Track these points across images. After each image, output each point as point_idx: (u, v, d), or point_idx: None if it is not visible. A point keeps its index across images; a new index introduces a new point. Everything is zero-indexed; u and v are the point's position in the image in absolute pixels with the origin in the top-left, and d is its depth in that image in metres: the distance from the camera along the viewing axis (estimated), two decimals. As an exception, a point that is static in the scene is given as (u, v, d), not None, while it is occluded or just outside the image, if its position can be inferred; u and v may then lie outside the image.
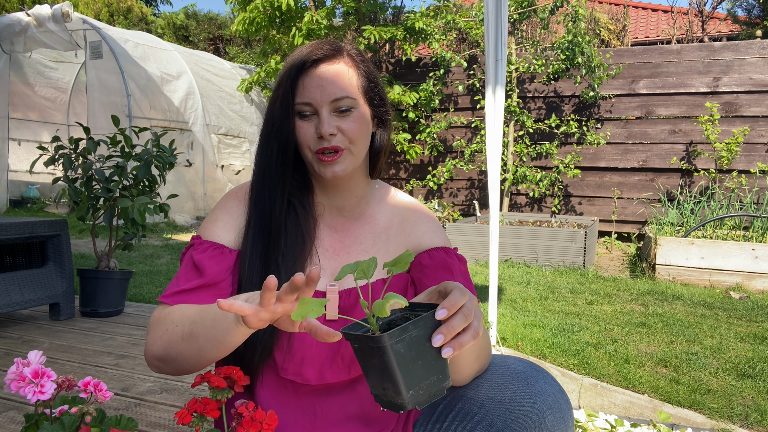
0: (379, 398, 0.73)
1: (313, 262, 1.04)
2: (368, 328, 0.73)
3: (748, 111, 6.14)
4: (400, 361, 0.68)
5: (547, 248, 5.07)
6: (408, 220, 1.11)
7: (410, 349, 0.69)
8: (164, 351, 0.92)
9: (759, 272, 4.28)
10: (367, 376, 0.73)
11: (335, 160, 0.99)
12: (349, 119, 1.00)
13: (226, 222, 1.05)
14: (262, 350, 0.96)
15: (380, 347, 0.67)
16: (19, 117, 8.29)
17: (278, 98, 1.02)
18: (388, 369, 0.68)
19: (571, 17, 6.31)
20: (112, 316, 3.01)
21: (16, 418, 1.71)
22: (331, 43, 1.04)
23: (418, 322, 0.70)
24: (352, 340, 0.72)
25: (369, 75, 1.06)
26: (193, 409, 0.77)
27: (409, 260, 0.76)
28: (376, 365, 0.70)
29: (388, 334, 0.67)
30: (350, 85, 1.01)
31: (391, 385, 0.69)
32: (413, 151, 7.20)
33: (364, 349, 0.71)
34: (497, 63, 2.58)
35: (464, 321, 0.72)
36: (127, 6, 14.48)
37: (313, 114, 1.00)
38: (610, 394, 2.33)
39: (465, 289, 0.75)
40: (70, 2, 6.73)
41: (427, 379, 0.71)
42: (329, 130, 0.97)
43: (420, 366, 0.70)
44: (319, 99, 0.99)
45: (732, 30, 11.68)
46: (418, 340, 0.70)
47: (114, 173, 2.92)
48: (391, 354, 0.67)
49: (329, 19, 7.06)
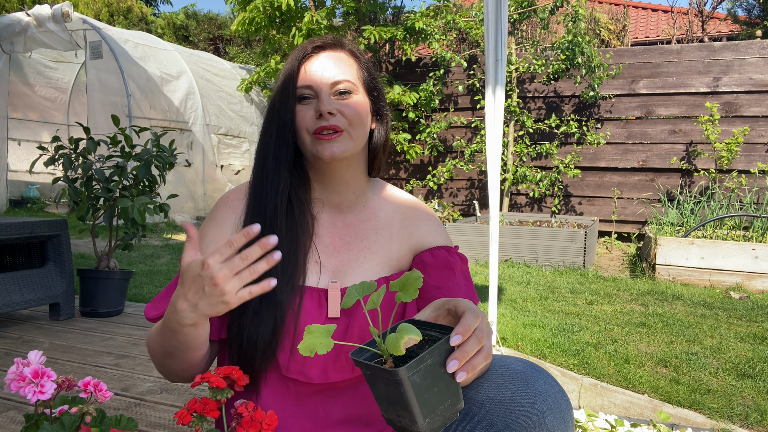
0: (392, 423, 0.71)
1: (313, 259, 1.03)
2: (377, 354, 0.71)
3: (748, 111, 6.14)
4: (416, 391, 0.66)
5: (547, 248, 5.07)
6: (410, 218, 1.11)
7: (426, 378, 0.68)
8: (162, 369, 1.00)
9: (759, 272, 4.28)
10: (379, 402, 0.71)
11: (334, 139, 0.99)
12: (349, 102, 1.01)
13: (214, 237, 1.04)
14: (264, 351, 0.96)
15: (396, 380, 0.66)
16: (19, 117, 8.29)
17: (280, 85, 1.04)
18: (404, 400, 0.67)
19: (571, 17, 6.31)
20: (112, 316, 3.01)
21: (16, 418, 1.71)
22: (333, 36, 1.07)
23: (433, 351, 0.68)
24: (363, 368, 0.70)
25: (369, 69, 1.08)
26: (192, 409, 0.77)
27: (418, 285, 0.75)
28: (391, 394, 0.68)
29: (405, 367, 0.65)
30: (351, 71, 1.03)
31: (406, 414, 0.68)
32: (413, 151, 7.20)
33: (377, 379, 0.69)
34: (497, 63, 2.57)
35: (477, 344, 0.72)
36: (127, 6, 14.47)
37: (313, 98, 1.01)
38: (610, 394, 2.33)
39: (477, 309, 0.75)
40: (70, 2, 6.73)
41: (442, 404, 0.70)
42: (329, 108, 0.98)
43: (435, 393, 0.69)
44: (320, 81, 1.00)
45: (732, 30, 11.68)
46: (433, 367, 0.69)
47: (114, 173, 2.92)
48: (408, 386, 0.66)
49: (329, 19, 7.06)
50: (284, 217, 1.02)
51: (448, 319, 0.79)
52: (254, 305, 0.96)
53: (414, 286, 0.75)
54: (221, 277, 0.79)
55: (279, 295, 0.97)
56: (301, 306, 0.99)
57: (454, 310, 0.78)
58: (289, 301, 0.98)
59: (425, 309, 0.82)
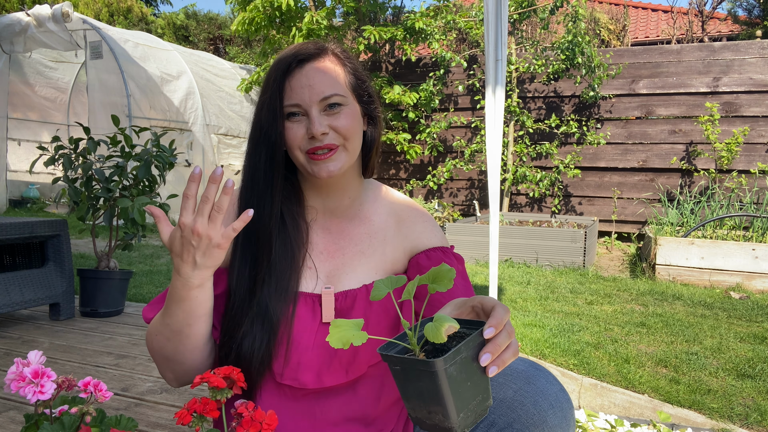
0: (420, 421, 0.70)
1: (307, 265, 1.03)
2: (406, 349, 0.71)
3: (748, 111, 6.14)
4: (452, 385, 0.66)
5: (547, 248, 5.07)
6: (404, 220, 1.10)
7: (461, 371, 0.67)
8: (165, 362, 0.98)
9: (759, 272, 4.28)
10: (408, 400, 0.70)
11: (329, 158, 0.97)
12: (340, 116, 0.98)
13: None
14: (260, 363, 0.95)
15: (432, 372, 0.65)
16: (18, 117, 8.29)
17: (265, 102, 0.99)
18: (440, 393, 0.66)
19: (571, 17, 6.31)
20: (112, 316, 3.01)
21: (16, 418, 1.70)
22: (315, 43, 1.03)
23: (468, 342, 0.68)
24: (394, 362, 0.69)
25: (356, 72, 1.04)
26: (192, 409, 0.76)
27: (452, 276, 0.75)
28: (424, 389, 0.67)
29: (443, 358, 0.64)
30: (338, 82, 0.99)
31: (440, 408, 0.67)
32: (413, 151, 7.20)
33: (409, 372, 0.68)
34: (497, 63, 2.57)
35: (508, 338, 0.72)
36: (127, 6, 14.48)
37: (302, 115, 0.97)
38: (610, 394, 2.33)
39: (505, 306, 0.75)
40: (70, 2, 6.73)
41: (474, 400, 0.70)
42: (321, 129, 0.95)
43: (468, 387, 0.68)
44: (308, 99, 0.97)
45: (732, 30, 11.69)
46: (467, 360, 0.68)
47: (114, 173, 2.91)
48: (444, 378, 0.65)
49: (329, 19, 7.06)
50: (277, 235, 1.00)
51: (472, 315, 0.79)
52: (247, 327, 0.96)
53: (447, 277, 0.75)
54: (199, 226, 0.84)
55: (273, 311, 0.96)
56: (294, 313, 0.99)
57: (480, 307, 0.77)
58: (283, 312, 0.97)
59: (445, 307, 0.81)
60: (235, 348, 0.95)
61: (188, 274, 0.87)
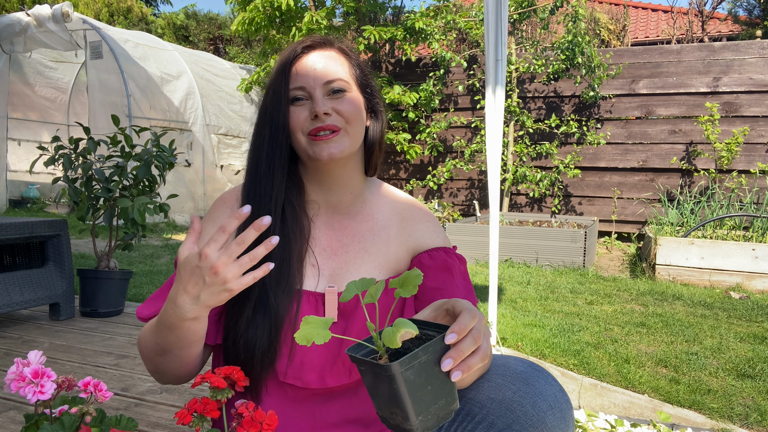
0: (385, 420, 0.71)
1: (310, 263, 1.03)
2: (374, 350, 0.71)
3: (748, 111, 6.14)
4: (409, 388, 0.66)
5: (547, 248, 5.07)
6: (408, 219, 1.10)
7: (419, 375, 0.67)
8: (155, 369, 0.98)
9: (759, 272, 4.28)
10: (373, 398, 0.71)
11: (331, 139, 0.98)
12: (343, 100, 0.99)
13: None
14: (262, 361, 0.95)
15: (389, 375, 0.65)
16: (18, 117, 8.29)
17: (271, 87, 1.01)
18: (397, 396, 0.66)
19: (571, 17, 6.31)
20: (112, 316, 3.01)
21: (16, 418, 1.70)
22: (321, 36, 1.06)
23: (427, 347, 0.68)
24: (358, 363, 0.70)
25: (360, 66, 1.06)
26: (193, 409, 0.77)
27: (418, 282, 0.74)
28: (384, 390, 0.68)
29: (398, 362, 0.65)
30: (343, 69, 1.02)
31: (399, 411, 0.68)
32: (413, 151, 7.20)
33: (371, 374, 0.69)
34: (497, 63, 2.57)
35: (473, 344, 0.71)
36: (127, 6, 14.47)
37: (306, 99, 0.99)
38: (610, 394, 2.33)
39: (475, 309, 0.74)
40: (70, 2, 6.73)
41: (436, 404, 0.70)
42: (324, 108, 0.96)
43: (429, 391, 0.69)
44: (312, 82, 0.98)
45: (732, 30, 11.68)
46: (427, 365, 0.68)
47: (114, 173, 2.92)
48: (401, 381, 0.65)
49: (329, 19, 7.06)
50: (279, 223, 1.00)
51: (447, 319, 0.79)
52: (250, 314, 0.95)
53: (413, 283, 0.74)
54: (221, 265, 0.78)
55: (275, 303, 0.96)
56: (298, 312, 0.98)
57: (452, 310, 0.77)
58: (286, 308, 0.97)
59: (425, 309, 0.82)
60: (240, 336, 0.95)
61: (185, 308, 0.82)
